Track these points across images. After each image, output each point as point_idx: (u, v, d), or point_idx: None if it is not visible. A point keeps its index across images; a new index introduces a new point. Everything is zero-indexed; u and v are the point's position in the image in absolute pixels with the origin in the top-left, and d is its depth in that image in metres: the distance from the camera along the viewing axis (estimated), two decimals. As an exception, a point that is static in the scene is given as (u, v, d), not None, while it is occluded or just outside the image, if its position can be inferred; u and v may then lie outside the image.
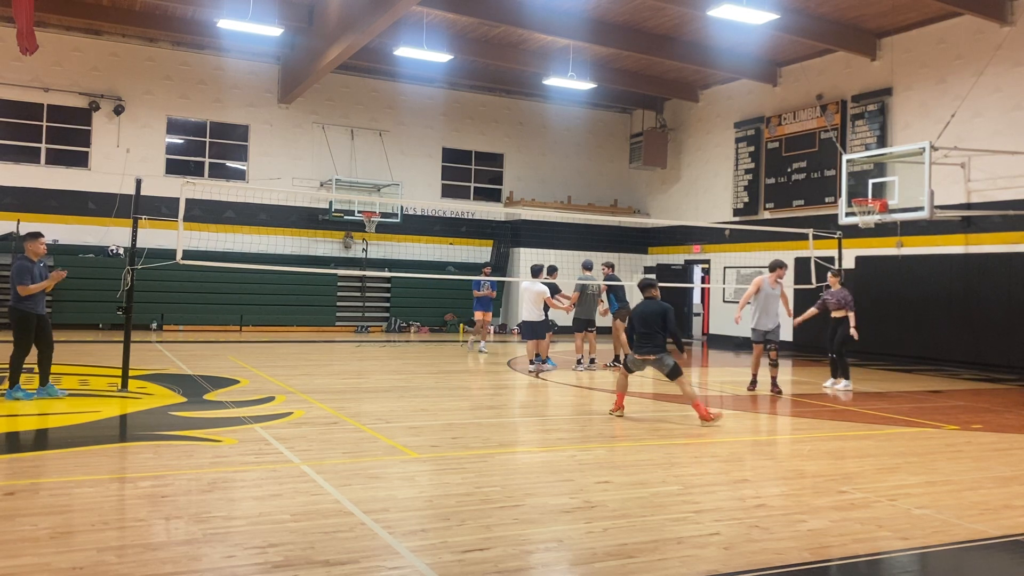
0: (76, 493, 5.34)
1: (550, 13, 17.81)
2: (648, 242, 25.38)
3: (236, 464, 6.25)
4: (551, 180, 25.41)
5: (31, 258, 9.02)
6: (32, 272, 8.90)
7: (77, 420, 7.94)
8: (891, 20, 17.45)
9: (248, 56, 21.55)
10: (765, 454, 7.37)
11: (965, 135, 16.07)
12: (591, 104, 25.16)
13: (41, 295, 9.04)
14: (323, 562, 4.16)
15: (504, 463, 6.64)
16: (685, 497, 5.68)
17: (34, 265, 8.99)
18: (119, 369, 10.20)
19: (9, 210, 19.02)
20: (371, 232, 22.57)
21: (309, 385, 10.99)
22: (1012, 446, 8.05)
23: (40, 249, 9.09)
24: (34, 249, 9.05)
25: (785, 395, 11.51)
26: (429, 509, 5.24)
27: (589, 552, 4.49)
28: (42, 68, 19.52)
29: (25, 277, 8.81)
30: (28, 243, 9.08)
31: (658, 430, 8.40)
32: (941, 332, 16.44)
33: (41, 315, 9.08)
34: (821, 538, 4.84)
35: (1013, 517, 5.42)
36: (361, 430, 7.85)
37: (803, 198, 20.08)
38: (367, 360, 14.95)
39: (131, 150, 20.46)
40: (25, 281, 8.79)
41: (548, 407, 10.27)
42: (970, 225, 16.15)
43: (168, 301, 19.89)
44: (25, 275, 8.83)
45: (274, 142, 22.06)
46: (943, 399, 11.67)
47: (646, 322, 8.84)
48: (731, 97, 22.58)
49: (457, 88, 23.99)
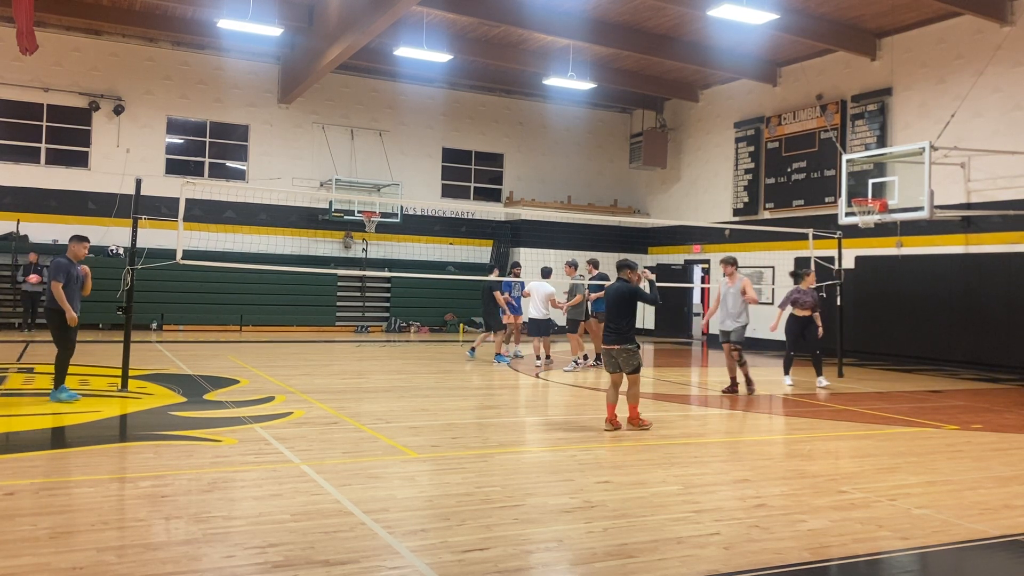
0: (76, 493, 5.34)
1: (550, 13, 17.81)
2: (648, 242, 25.39)
3: (236, 464, 6.25)
4: (551, 180, 25.41)
5: (71, 259, 9.14)
6: (68, 271, 8.99)
7: (77, 420, 7.94)
8: (891, 20, 17.45)
9: (248, 56, 21.55)
10: (765, 454, 7.37)
11: (965, 135, 16.07)
12: (591, 104, 25.17)
13: (77, 297, 9.10)
14: (323, 562, 4.16)
15: (504, 463, 6.64)
16: (685, 497, 5.68)
17: (72, 265, 9.09)
18: (119, 369, 10.21)
19: (9, 210, 19.02)
20: (371, 232, 22.57)
21: (309, 385, 10.99)
22: (1012, 446, 8.05)
23: (80, 252, 9.23)
24: (75, 251, 9.20)
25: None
26: (429, 509, 5.24)
27: (589, 552, 4.49)
28: (42, 68, 19.52)
29: (59, 274, 8.90)
30: (71, 244, 9.26)
31: (658, 430, 8.40)
32: (941, 332, 16.44)
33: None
34: (821, 538, 4.84)
35: (1013, 517, 5.43)
36: (361, 430, 7.86)
37: (803, 198, 20.08)
38: (367, 360, 14.95)
39: (131, 150, 20.46)
40: (59, 278, 8.87)
41: (548, 407, 10.27)
42: (970, 225, 16.15)
43: (168, 301, 19.89)
44: (60, 272, 8.92)
45: (274, 142, 22.06)
46: (943, 399, 11.67)
47: (615, 305, 8.30)
48: (731, 97, 22.58)
49: (457, 88, 23.99)
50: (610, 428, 8.17)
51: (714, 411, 10.29)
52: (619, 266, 8.67)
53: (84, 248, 9.31)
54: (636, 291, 8.42)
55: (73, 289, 9.04)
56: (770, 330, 12.97)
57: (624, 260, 8.74)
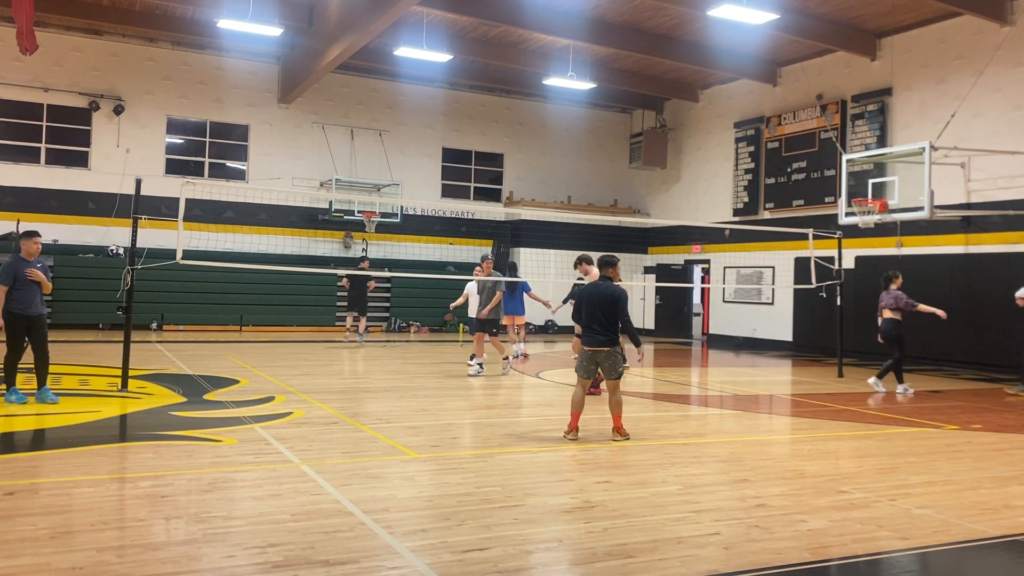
0: (76, 493, 5.34)
1: (550, 13, 17.81)
2: (648, 242, 25.38)
3: (236, 464, 6.25)
4: (551, 180, 25.41)
5: (25, 257, 8.80)
6: (16, 271, 8.62)
7: (77, 420, 7.94)
8: (891, 20, 17.45)
9: (248, 56, 21.55)
10: (765, 454, 7.37)
11: (965, 135, 16.07)
12: (591, 104, 25.16)
13: (36, 295, 8.76)
14: (323, 562, 4.16)
15: (504, 463, 6.64)
16: (685, 497, 5.68)
17: (22, 263, 8.71)
18: (119, 369, 10.20)
19: (9, 210, 19.01)
20: (371, 232, 22.56)
21: (309, 385, 10.99)
22: (1012, 446, 8.05)
23: (32, 248, 8.84)
24: (27, 248, 8.84)
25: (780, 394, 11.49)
26: (429, 509, 5.24)
27: (589, 552, 4.49)
28: (42, 68, 19.51)
29: (6, 277, 8.56)
30: (22, 241, 8.90)
31: (658, 430, 8.40)
32: (941, 332, 16.40)
33: (31, 316, 8.73)
34: (821, 538, 4.84)
35: (1013, 517, 5.43)
36: (361, 430, 7.85)
37: (803, 198, 20.08)
38: (367, 360, 14.95)
39: (131, 150, 20.45)
40: (5, 281, 8.56)
41: (548, 407, 10.27)
42: (970, 225, 16.15)
43: (168, 301, 19.88)
44: (7, 274, 8.57)
45: (274, 142, 22.06)
46: (943, 399, 11.68)
47: (602, 305, 7.69)
48: (731, 97, 22.58)
49: (457, 88, 23.98)
50: (574, 437, 7.63)
51: (714, 411, 10.29)
52: (602, 263, 8.09)
53: (34, 243, 8.83)
54: (620, 297, 7.76)
55: (29, 289, 8.67)
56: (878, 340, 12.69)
57: (605, 256, 8.13)
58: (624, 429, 7.76)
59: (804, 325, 19.56)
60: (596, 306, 7.73)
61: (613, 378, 7.74)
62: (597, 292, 7.81)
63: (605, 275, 8.01)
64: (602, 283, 7.91)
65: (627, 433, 7.77)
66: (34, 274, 8.70)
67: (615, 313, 7.69)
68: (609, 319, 7.69)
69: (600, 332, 7.69)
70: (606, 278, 7.97)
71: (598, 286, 7.87)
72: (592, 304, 7.76)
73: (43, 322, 8.94)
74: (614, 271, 8.02)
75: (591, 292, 7.86)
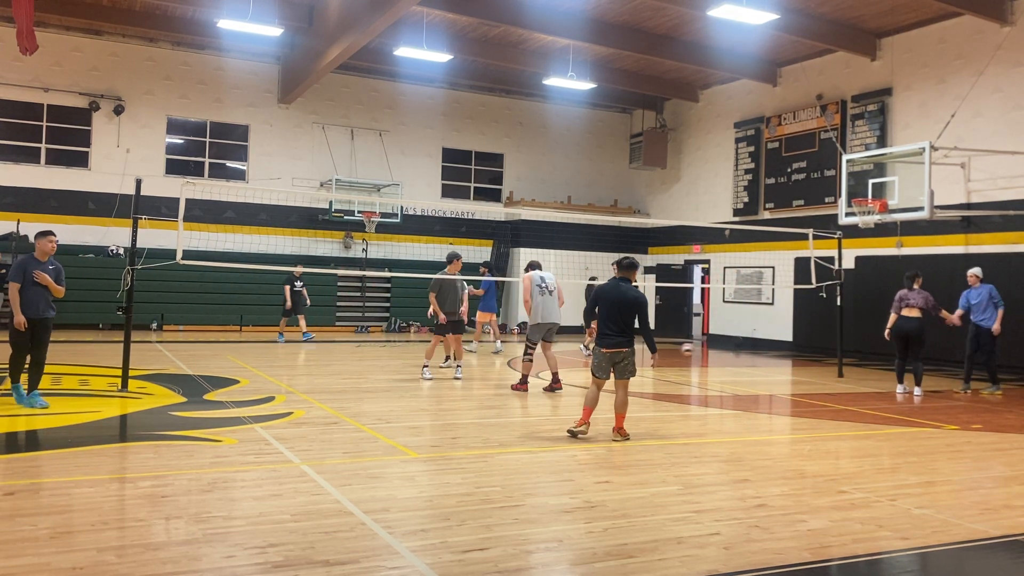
0: (76, 493, 5.34)
1: (550, 13, 17.80)
2: (648, 242, 25.38)
3: (236, 464, 6.26)
4: (551, 180, 25.40)
5: (38, 258, 8.60)
6: (26, 270, 8.43)
7: (77, 420, 7.94)
8: (891, 20, 17.45)
9: (248, 56, 21.55)
10: (765, 454, 7.37)
11: (965, 135, 16.07)
12: (591, 104, 25.16)
13: (41, 298, 8.54)
14: (323, 562, 4.16)
15: (504, 463, 6.64)
16: (685, 497, 5.68)
17: (32, 263, 8.53)
18: (119, 369, 10.20)
19: (9, 210, 19.01)
20: (371, 232, 22.56)
21: (309, 385, 10.99)
22: (1012, 446, 8.05)
23: (47, 247, 8.62)
24: (41, 248, 8.62)
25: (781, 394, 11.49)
26: (429, 509, 5.24)
27: (589, 552, 4.49)
28: (42, 68, 19.51)
29: (16, 275, 8.42)
30: (37, 240, 8.68)
31: (658, 430, 8.40)
32: (941, 332, 16.42)
33: (33, 319, 8.44)
34: (821, 538, 4.84)
35: (1013, 517, 5.43)
36: (361, 430, 7.85)
37: (803, 198, 20.08)
38: (367, 360, 14.95)
39: (131, 150, 20.45)
40: (15, 279, 8.40)
41: (548, 407, 10.26)
42: (970, 225, 16.15)
43: (168, 301, 19.88)
44: (17, 272, 8.43)
45: (274, 142, 22.06)
46: (943, 399, 11.68)
47: (621, 307, 7.68)
48: (731, 97, 22.58)
49: (457, 88, 23.98)
50: (583, 433, 7.72)
51: (714, 411, 10.29)
52: (624, 265, 7.99)
53: (50, 243, 8.57)
54: (644, 304, 7.80)
55: (35, 291, 8.44)
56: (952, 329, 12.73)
57: (628, 259, 8.06)
58: (625, 429, 7.79)
59: (804, 325, 19.55)
60: (616, 308, 7.72)
61: (628, 377, 7.82)
62: (618, 293, 7.77)
63: (625, 277, 7.93)
64: (623, 284, 7.86)
65: (627, 433, 7.79)
66: (41, 277, 8.47)
67: (634, 316, 7.71)
68: (628, 322, 7.72)
69: (618, 334, 7.71)
70: (625, 280, 7.91)
71: (619, 287, 7.82)
72: (612, 305, 7.74)
73: (47, 326, 8.63)
74: (634, 275, 7.99)
75: (611, 293, 7.81)
